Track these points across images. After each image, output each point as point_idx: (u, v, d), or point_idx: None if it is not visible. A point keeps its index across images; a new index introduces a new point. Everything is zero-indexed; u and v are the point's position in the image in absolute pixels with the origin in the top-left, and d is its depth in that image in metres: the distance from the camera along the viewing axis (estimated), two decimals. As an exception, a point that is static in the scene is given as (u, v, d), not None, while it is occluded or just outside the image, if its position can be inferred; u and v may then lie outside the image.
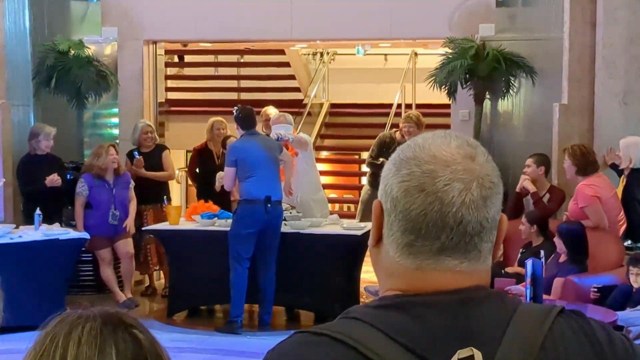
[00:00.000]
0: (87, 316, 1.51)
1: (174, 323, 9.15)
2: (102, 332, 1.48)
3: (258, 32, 11.65)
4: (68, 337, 1.46)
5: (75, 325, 1.48)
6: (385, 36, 11.83)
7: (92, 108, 11.30)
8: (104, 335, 1.48)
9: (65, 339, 1.46)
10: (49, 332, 1.48)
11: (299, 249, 8.85)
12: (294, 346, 1.50)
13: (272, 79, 16.40)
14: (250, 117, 8.85)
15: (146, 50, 11.63)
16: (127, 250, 9.79)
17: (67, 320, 1.50)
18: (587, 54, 9.45)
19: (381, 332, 1.46)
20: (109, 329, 1.49)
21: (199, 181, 10.71)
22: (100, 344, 1.46)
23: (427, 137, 1.57)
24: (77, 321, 1.49)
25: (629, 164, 8.61)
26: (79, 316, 1.51)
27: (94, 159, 9.68)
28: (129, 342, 1.48)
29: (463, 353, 1.43)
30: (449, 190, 1.49)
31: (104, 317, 1.51)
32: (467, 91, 10.28)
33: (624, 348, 1.56)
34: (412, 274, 1.52)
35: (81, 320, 1.49)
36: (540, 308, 1.55)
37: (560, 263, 7.85)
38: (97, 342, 1.46)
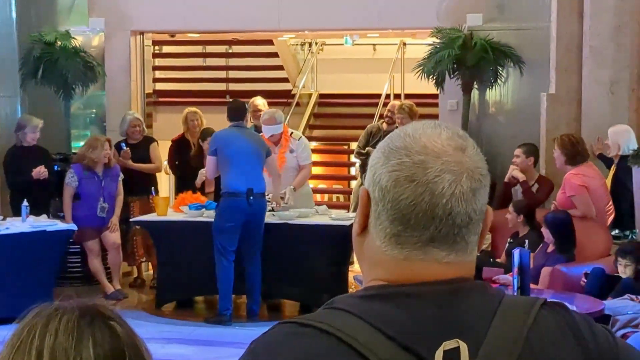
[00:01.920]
0: (64, 308, 1.50)
1: (162, 314, 9.15)
2: (79, 324, 1.47)
3: (246, 23, 11.62)
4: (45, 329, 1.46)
5: (53, 317, 1.48)
6: (373, 26, 11.82)
7: (80, 99, 11.26)
8: (81, 327, 1.47)
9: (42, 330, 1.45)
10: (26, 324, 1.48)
11: (287, 240, 8.84)
12: (279, 337, 1.48)
13: (261, 69, 16.37)
14: (238, 109, 8.84)
15: (133, 41, 11.60)
16: (113, 241, 9.78)
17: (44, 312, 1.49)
18: (574, 44, 9.46)
19: (367, 323, 1.45)
20: (86, 320, 1.48)
21: (179, 172, 10.71)
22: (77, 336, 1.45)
23: (417, 127, 1.56)
24: (55, 313, 1.49)
25: (617, 151, 8.63)
26: (56, 308, 1.50)
27: (88, 150, 9.65)
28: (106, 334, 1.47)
29: (449, 345, 1.43)
30: (439, 182, 1.49)
31: (81, 309, 1.50)
32: (455, 81, 10.28)
33: (607, 340, 1.56)
34: (399, 264, 1.51)
35: (58, 312, 1.49)
36: (524, 300, 1.55)
37: (548, 253, 7.86)
38: (74, 334, 1.46)
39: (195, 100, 14.35)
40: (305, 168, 9.58)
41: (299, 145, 9.52)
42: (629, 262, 7.32)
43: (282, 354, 1.46)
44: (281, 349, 1.46)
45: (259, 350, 1.49)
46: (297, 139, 9.60)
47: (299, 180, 9.47)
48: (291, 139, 9.53)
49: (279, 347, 1.47)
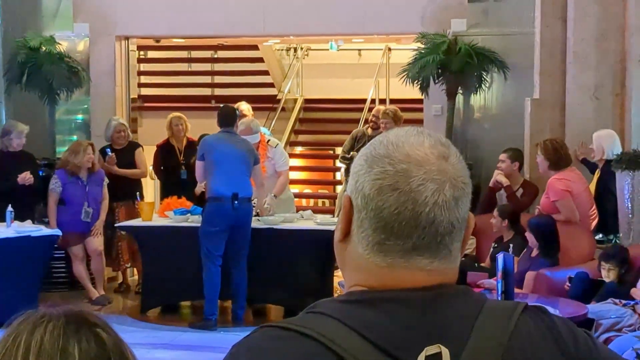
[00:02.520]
0: (50, 315, 1.50)
1: (147, 319, 9.13)
2: (65, 331, 1.47)
3: (231, 28, 11.63)
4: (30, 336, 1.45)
5: (38, 324, 1.48)
6: (358, 31, 11.85)
7: (64, 104, 11.24)
8: (67, 334, 1.47)
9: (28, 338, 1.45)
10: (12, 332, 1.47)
11: (272, 245, 8.84)
12: (260, 340, 1.48)
13: (246, 74, 16.36)
14: (228, 115, 8.87)
15: (118, 46, 11.59)
16: (95, 247, 9.75)
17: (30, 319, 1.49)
18: (558, 49, 9.50)
19: (348, 328, 1.45)
20: (72, 328, 1.48)
21: (164, 177, 10.70)
22: (62, 343, 1.45)
23: (399, 134, 1.56)
24: (40, 320, 1.49)
25: (602, 156, 8.66)
26: (42, 315, 1.50)
27: (70, 155, 9.64)
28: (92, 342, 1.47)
29: (430, 350, 1.44)
30: (422, 190, 1.49)
31: (67, 316, 1.50)
32: (440, 86, 10.32)
33: (587, 345, 1.57)
34: (381, 271, 1.52)
35: (44, 319, 1.49)
36: (506, 305, 1.56)
37: (532, 257, 7.89)
38: (60, 342, 1.45)
39: (181, 105, 14.32)
40: (283, 174, 9.61)
41: (276, 152, 9.59)
42: (612, 266, 7.36)
43: (262, 357, 1.46)
44: (262, 352, 1.46)
45: (240, 354, 1.49)
46: (274, 147, 9.67)
47: (279, 187, 9.49)
48: (268, 146, 9.57)
49: (259, 350, 1.47)
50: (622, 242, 8.27)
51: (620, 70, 9.14)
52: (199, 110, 14.39)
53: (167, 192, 10.22)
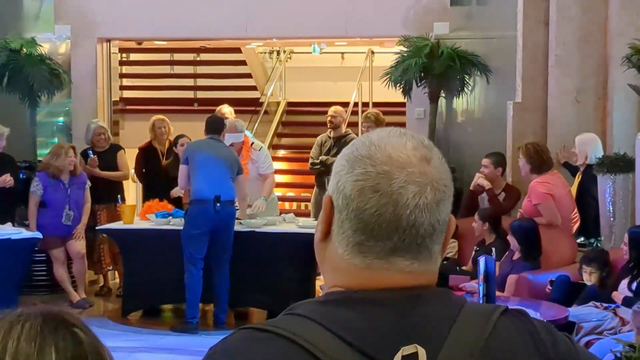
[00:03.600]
0: (27, 314, 1.48)
1: (128, 323, 9.10)
2: (43, 330, 1.46)
3: (213, 31, 11.61)
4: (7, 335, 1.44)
5: (16, 323, 1.46)
6: (341, 34, 11.84)
7: (45, 107, 11.19)
8: (44, 333, 1.45)
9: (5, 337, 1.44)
10: (-11, 331, 1.46)
11: (254, 248, 8.83)
12: (237, 342, 1.48)
13: (229, 77, 16.36)
14: (215, 123, 8.91)
15: (100, 49, 11.55)
16: (78, 250, 9.71)
17: (7, 318, 1.48)
18: (540, 53, 9.53)
19: (325, 329, 1.45)
20: (50, 327, 1.47)
21: (146, 180, 10.67)
22: (39, 343, 1.44)
23: (382, 135, 1.55)
24: (18, 319, 1.47)
25: (584, 160, 8.68)
26: (19, 314, 1.49)
27: (52, 158, 9.60)
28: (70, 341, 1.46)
29: (407, 350, 1.43)
30: (403, 193, 1.49)
31: (45, 315, 1.49)
32: (422, 89, 10.33)
33: (567, 348, 1.57)
34: (361, 272, 1.52)
35: (21, 319, 1.47)
36: (485, 307, 1.56)
37: (513, 260, 7.90)
38: (37, 341, 1.44)
39: (163, 108, 14.31)
40: (269, 177, 9.61)
41: (260, 155, 9.58)
42: (594, 270, 7.38)
43: (238, 358, 1.46)
44: (238, 354, 1.46)
45: (216, 356, 1.49)
46: (258, 150, 9.67)
47: (267, 188, 9.51)
48: (252, 149, 9.57)
49: (236, 352, 1.47)
50: (603, 245, 8.31)
51: (602, 73, 9.18)
52: (182, 113, 14.38)
53: (149, 194, 10.20)
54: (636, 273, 7.09)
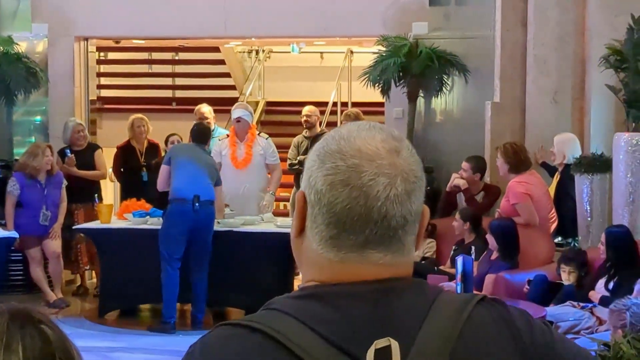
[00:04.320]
0: (-6, 312, 1.47)
1: (105, 323, 9.06)
2: (9, 327, 1.45)
3: (192, 30, 11.57)
4: (-26, 332, 1.43)
5: (-18, 320, 1.45)
6: (319, 34, 11.85)
7: (22, 106, 11.12)
8: (11, 330, 1.44)
9: (-28, 334, 1.43)
10: (-44, 328, 1.45)
11: (232, 247, 8.80)
12: (214, 339, 1.50)
13: (207, 76, 16.31)
14: (202, 132, 8.97)
15: (77, 47, 11.48)
16: (53, 249, 9.65)
17: (-26, 316, 1.46)
18: (518, 53, 9.56)
19: (300, 322, 1.46)
20: (17, 324, 1.46)
21: (124, 179, 10.63)
22: (6, 340, 1.43)
23: (351, 129, 1.56)
24: (-16, 317, 1.46)
25: (562, 159, 8.71)
26: (-15, 312, 1.47)
27: (29, 158, 9.55)
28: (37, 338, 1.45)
29: (380, 343, 1.43)
30: (374, 185, 1.49)
31: (11, 312, 1.48)
32: (401, 89, 10.33)
33: (544, 335, 1.57)
34: (334, 266, 1.52)
35: (-12, 316, 1.46)
36: (461, 297, 1.56)
37: (491, 260, 7.91)
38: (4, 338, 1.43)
39: (141, 107, 14.23)
40: (277, 169, 9.71)
41: (269, 146, 9.66)
42: (572, 269, 7.41)
43: (215, 354, 1.48)
44: (216, 350, 1.48)
45: (195, 353, 1.50)
46: (266, 139, 9.74)
47: (275, 183, 9.66)
48: (259, 137, 9.64)
49: (213, 349, 1.48)
50: (580, 245, 8.34)
51: (580, 74, 9.21)
52: (160, 112, 14.31)
53: (127, 194, 10.17)
54: (613, 273, 7.12)
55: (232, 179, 9.27)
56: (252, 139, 9.52)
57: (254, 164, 9.49)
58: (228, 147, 9.51)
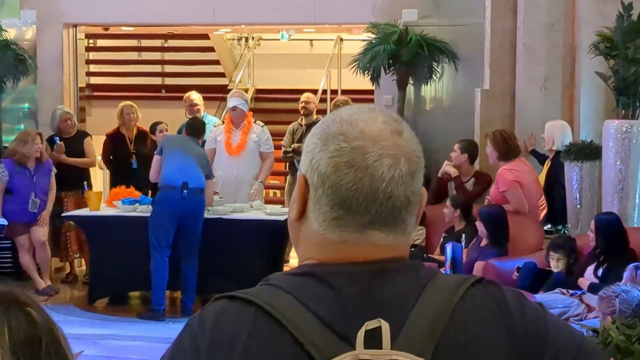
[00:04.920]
0: (-20, 296, 1.46)
1: (95, 310, 9.04)
2: (-5, 310, 1.44)
3: (181, 17, 11.54)
4: (-40, 316, 1.42)
5: (-32, 304, 1.44)
6: (309, 21, 11.81)
7: (11, 93, 11.08)
8: (-3, 313, 1.44)
9: (-43, 318, 1.42)
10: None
11: (222, 235, 8.79)
12: (211, 311, 1.53)
13: (197, 64, 16.28)
14: (196, 127, 8.97)
15: (66, 34, 11.44)
16: (39, 237, 9.63)
17: (-40, 299, 1.45)
18: (508, 40, 9.55)
19: (294, 298, 1.48)
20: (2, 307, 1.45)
21: (113, 166, 10.60)
22: (-8, 323, 1.42)
23: (352, 112, 1.57)
24: (-30, 301, 1.45)
25: (552, 145, 8.72)
26: (-29, 295, 1.47)
27: (18, 145, 9.53)
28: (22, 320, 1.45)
29: (371, 324, 1.45)
30: (378, 166, 1.51)
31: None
32: (391, 76, 10.32)
33: (536, 316, 1.57)
34: (335, 247, 1.54)
35: (-26, 300, 1.45)
36: (455, 278, 1.57)
37: (481, 247, 7.92)
38: (-10, 321, 1.42)
39: (131, 94, 14.19)
40: (269, 157, 9.66)
41: (263, 133, 9.65)
42: (560, 256, 7.42)
43: (211, 325, 1.50)
44: (211, 322, 1.51)
45: (193, 324, 1.53)
46: (261, 126, 9.72)
47: (265, 172, 9.61)
48: (255, 125, 9.61)
49: (209, 321, 1.51)
50: (570, 232, 8.35)
51: (570, 61, 9.21)
52: (149, 100, 14.28)
53: (116, 181, 10.16)
54: (602, 260, 7.13)
55: (225, 165, 9.29)
56: (248, 127, 9.51)
57: (248, 151, 9.48)
58: (223, 134, 9.51)
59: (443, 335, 1.47)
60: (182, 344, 1.53)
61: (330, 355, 1.43)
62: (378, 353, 1.43)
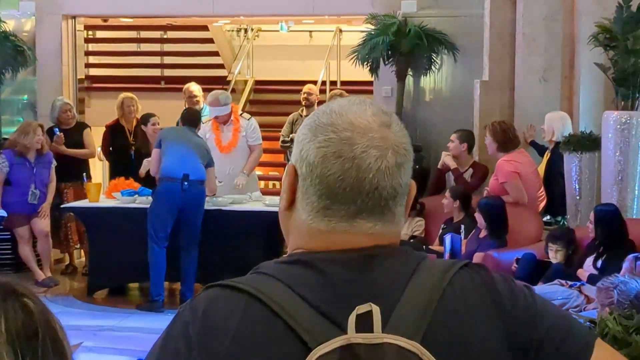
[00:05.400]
0: (-24, 286, 1.46)
1: (94, 301, 9.05)
2: (-9, 300, 1.44)
3: (180, 8, 11.54)
4: (-45, 306, 1.42)
5: (-36, 294, 1.44)
6: (308, 12, 11.81)
7: (10, 84, 11.08)
8: (-7, 303, 1.43)
9: (-47, 308, 1.42)
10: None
11: (221, 226, 8.79)
12: (203, 299, 1.54)
13: (196, 55, 16.27)
14: (192, 117, 8.92)
15: (65, 25, 11.43)
16: (41, 228, 9.64)
17: (-44, 289, 1.45)
18: (507, 31, 9.55)
19: (285, 285, 1.50)
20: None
21: (113, 158, 10.59)
22: (-12, 313, 1.42)
23: (342, 103, 1.60)
24: (-34, 291, 1.45)
25: (551, 136, 8.71)
26: (-32, 285, 1.46)
27: (20, 136, 9.53)
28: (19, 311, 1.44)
29: (362, 309, 1.46)
30: (365, 157, 1.53)
31: (-7, 286, 1.47)
32: (390, 68, 10.31)
33: (525, 299, 1.59)
34: (324, 236, 1.56)
35: (-30, 290, 1.45)
36: (444, 263, 1.59)
37: (480, 238, 7.92)
38: (-14, 311, 1.42)
39: (130, 86, 14.18)
40: (256, 149, 9.58)
41: (249, 126, 9.53)
42: (559, 247, 7.42)
43: (203, 314, 1.52)
44: (203, 310, 1.52)
45: (184, 313, 1.55)
46: (247, 119, 9.61)
47: (251, 164, 9.53)
48: (241, 118, 9.54)
49: (201, 309, 1.53)
50: (569, 223, 8.36)
51: (569, 52, 9.21)
52: (149, 91, 14.26)
53: (116, 173, 10.15)
54: (601, 251, 7.13)
55: (217, 162, 9.20)
56: (237, 123, 9.43)
57: (238, 147, 9.44)
58: (211, 131, 9.42)
59: (433, 318, 1.49)
60: (174, 332, 1.54)
61: (322, 340, 1.44)
62: (369, 337, 1.44)
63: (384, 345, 1.44)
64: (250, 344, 1.48)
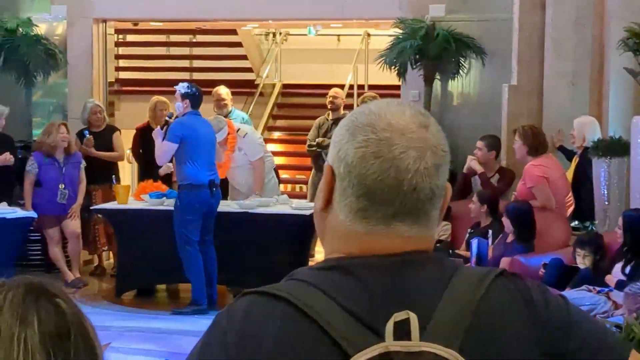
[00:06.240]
0: (9, 285, 1.48)
1: (122, 303, 9.10)
2: (25, 300, 1.46)
3: (209, 12, 11.58)
4: (-11, 305, 1.44)
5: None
6: (336, 16, 11.83)
7: (41, 87, 11.18)
8: (27, 303, 1.45)
9: (-14, 307, 1.44)
10: (-29, 301, 1.46)
11: (248, 229, 8.82)
12: (239, 307, 1.54)
13: (224, 59, 16.31)
14: (201, 96, 8.74)
15: (95, 29, 11.51)
16: (73, 229, 9.72)
17: (-11, 289, 1.47)
18: (536, 35, 9.51)
19: (322, 292, 1.50)
20: (32, 297, 1.46)
21: (142, 160, 10.63)
22: (22, 313, 1.44)
23: (381, 105, 1.60)
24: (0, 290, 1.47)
25: (582, 142, 8.67)
26: (1, 285, 1.49)
27: (44, 136, 9.63)
28: (52, 312, 1.46)
29: (399, 316, 1.46)
30: (404, 158, 1.53)
31: (27, 285, 1.49)
32: (417, 72, 10.31)
33: (560, 309, 1.59)
34: (360, 238, 1.56)
35: (3, 289, 1.47)
36: (479, 271, 1.58)
37: (507, 243, 7.90)
38: (19, 311, 1.44)
39: (159, 89, 14.20)
40: (257, 165, 9.48)
41: (245, 142, 9.44)
42: (587, 253, 7.37)
43: (240, 321, 1.52)
44: (240, 317, 1.52)
45: (221, 320, 1.55)
46: (242, 136, 9.48)
47: (257, 182, 9.46)
48: (237, 136, 9.46)
49: (238, 316, 1.52)
50: (597, 229, 8.30)
51: (598, 56, 9.17)
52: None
53: (144, 175, 10.18)
54: (630, 257, 7.08)
55: None
56: (231, 147, 9.36)
57: (239, 165, 9.41)
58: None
59: (470, 327, 1.49)
60: (211, 340, 1.54)
61: (360, 347, 1.44)
62: (408, 344, 1.44)
63: (423, 353, 1.44)
64: (288, 351, 1.47)
